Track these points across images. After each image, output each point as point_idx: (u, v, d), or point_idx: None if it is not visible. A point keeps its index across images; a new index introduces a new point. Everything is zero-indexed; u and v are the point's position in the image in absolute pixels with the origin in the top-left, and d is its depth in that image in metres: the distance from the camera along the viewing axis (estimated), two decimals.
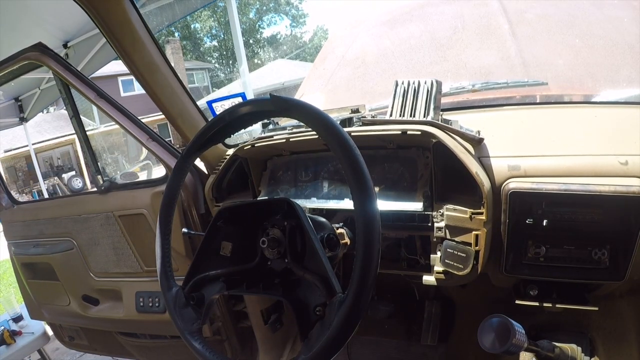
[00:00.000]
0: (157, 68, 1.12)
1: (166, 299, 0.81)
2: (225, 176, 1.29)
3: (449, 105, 1.23)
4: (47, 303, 1.83)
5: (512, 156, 0.91)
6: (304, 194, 1.14)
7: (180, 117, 1.23)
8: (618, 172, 0.82)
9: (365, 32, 1.94)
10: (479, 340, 0.79)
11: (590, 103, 1.15)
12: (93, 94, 1.34)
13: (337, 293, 0.64)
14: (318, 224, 0.82)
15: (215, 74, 27.03)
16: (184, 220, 1.37)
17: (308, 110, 0.66)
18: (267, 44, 29.87)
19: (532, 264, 0.90)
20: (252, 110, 0.75)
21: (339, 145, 0.62)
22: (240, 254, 0.80)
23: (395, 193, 1.01)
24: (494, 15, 1.55)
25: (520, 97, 1.25)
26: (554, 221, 0.84)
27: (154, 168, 6.60)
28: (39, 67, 1.42)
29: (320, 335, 0.63)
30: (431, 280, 0.99)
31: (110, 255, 1.57)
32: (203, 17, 26.48)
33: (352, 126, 1.08)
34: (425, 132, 0.91)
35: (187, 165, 0.85)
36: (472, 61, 1.44)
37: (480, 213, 0.87)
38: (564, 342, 0.96)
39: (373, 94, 1.51)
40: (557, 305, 0.94)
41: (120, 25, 1.01)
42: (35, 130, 12.64)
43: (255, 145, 1.15)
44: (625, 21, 1.38)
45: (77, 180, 13.68)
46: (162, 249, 0.83)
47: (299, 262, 0.73)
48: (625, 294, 1.04)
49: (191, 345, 0.77)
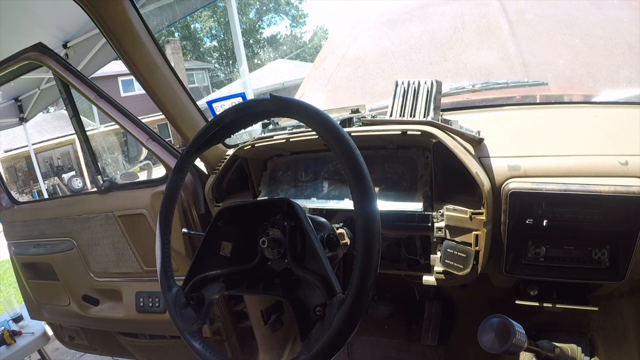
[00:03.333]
0: (157, 68, 1.13)
1: (166, 299, 0.82)
2: (225, 176, 1.29)
3: (449, 105, 1.23)
4: (47, 303, 1.83)
5: (512, 156, 0.91)
6: (304, 194, 1.14)
7: (180, 117, 1.23)
8: (618, 172, 0.82)
9: (365, 32, 1.94)
10: (479, 340, 0.79)
11: (590, 103, 1.15)
12: (93, 94, 1.34)
13: (337, 293, 0.64)
14: (318, 224, 0.82)
15: (215, 74, 27.04)
16: (184, 220, 1.37)
17: (308, 110, 0.66)
18: (267, 44, 29.88)
19: (532, 264, 0.90)
20: (252, 111, 0.75)
21: (339, 145, 0.62)
22: (240, 254, 0.80)
23: (395, 193, 1.01)
24: (494, 15, 1.55)
25: (520, 97, 1.25)
26: (554, 221, 0.85)
27: (154, 168, 6.59)
28: (39, 67, 1.42)
29: (320, 335, 0.63)
30: (431, 281, 0.99)
31: (110, 255, 1.57)
32: (203, 17, 26.48)
33: (352, 126, 1.08)
34: (425, 132, 0.91)
35: (187, 165, 0.85)
36: (472, 61, 1.44)
37: (480, 213, 0.87)
38: (564, 342, 0.96)
39: (373, 94, 1.51)
40: (557, 305, 0.94)
41: (120, 25, 1.01)
42: (35, 131, 12.64)
43: (255, 145, 1.15)
44: (625, 21, 1.38)
45: (77, 180, 13.68)
46: (162, 249, 0.83)
47: (299, 262, 0.73)
48: (625, 294, 1.04)
49: (191, 345, 0.77)
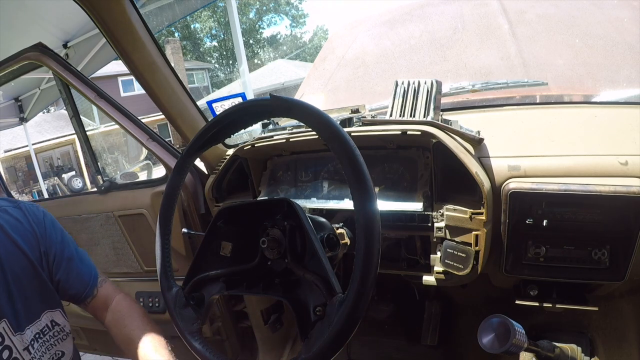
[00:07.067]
0: (157, 68, 1.12)
1: (166, 299, 0.82)
2: (225, 176, 1.29)
3: (449, 105, 1.23)
4: None
5: (512, 156, 0.91)
6: (304, 194, 1.14)
7: (180, 117, 1.23)
8: (618, 172, 0.82)
9: (365, 32, 1.94)
10: (479, 340, 0.79)
11: (590, 103, 1.15)
12: (93, 94, 1.34)
13: (337, 293, 0.64)
14: (318, 224, 0.82)
15: (215, 74, 27.05)
16: (184, 220, 1.37)
17: (308, 110, 0.66)
18: (267, 44, 29.90)
19: (532, 264, 0.90)
20: (252, 110, 0.75)
21: (339, 145, 0.62)
22: (240, 254, 0.80)
23: (395, 193, 1.01)
24: (494, 15, 1.55)
25: (520, 97, 1.25)
26: (554, 221, 0.85)
27: (154, 168, 6.59)
28: (39, 67, 1.42)
29: (321, 335, 0.63)
30: (431, 281, 0.99)
31: (110, 255, 1.57)
32: (203, 18, 26.49)
33: (352, 126, 1.08)
34: (425, 132, 0.91)
35: (187, 165, 0.85)
36: (472, 61, 1.44)
37: (480, 213, 0.87)
38: (564, 342, 0.96)
39: (373, 94, 1.51)
40: (557, 305, 0.94)
41: (120, 25, 1.01)
42: (35, 130, 12.64)
43: (255, 145, 1.15)
44: (625, 21, 1.39)
45: (77, 181, 13.67)
46: (162, 249, 0.83)
47: (299, 262, 0.73)
48: (625, 294, 1.04)
49: (191, 345, 0.77)
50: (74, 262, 0.93)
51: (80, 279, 0.93)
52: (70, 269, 0.92)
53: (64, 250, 0.91)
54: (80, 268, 0.94)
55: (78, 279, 0.93)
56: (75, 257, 0.93)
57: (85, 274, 0.94)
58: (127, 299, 0.97)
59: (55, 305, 0.91)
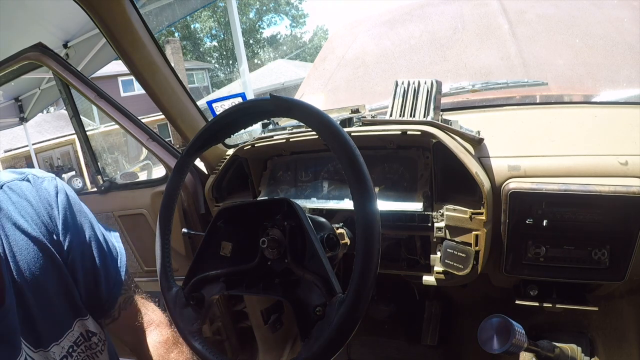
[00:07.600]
0: (157, 68, 1.12)
1: (166, 299, 0.81)
2: (225, 176, 1.29)
3: (449, 105, 1.23)
4: None
5: (512, 156, 0.91)
6: (304, 194, 1.14)
7: (180, 117, 1.23)
8: (618, 172, 0.82)
9: (365, 32, 1.94)
10: (479, 340, 0.79)
11: (590, 103, 1.15)
12: (93, 94, 1.34)
13: (337, 293, 0.64)
14: (318, 224, 0.82)
15: (215, 74, 27.06)
16: (184, 220, 1.37)
17: (308, 110, 0.66)
18: (267, 44, 29.90)
19: (532, 264, 0.90)
20: (252, 111, 0.75)
21: (339, 145, 0.62)
22: (240, 254, 0.80)
23: (395, 193, 1.01)
24: (494, 15, 1.55)
25: (520, 97, 1.25)
26: (554, 221, 0.85)
27: (154, 168, 6.59)
28: (39, 67, 1.42)
29: (321, 335, 0.63)
30: (431, 281, 0.99)
31: None
32: (203, 17, 26.51)
33: (352, 126, 1.08)
34: (425, 132, 0.91)
35: (187, 165, 0.85)
36: (472, 61, 1.44)
37: (480, 213, 0.87)
38: (564, 342, 0.96)
39: (373, 94, 1.51)
40: (557, 305, 0.94)
41: (120, 25, 1.01)
42: (35, 130, 12.64)
43: (255, 145, 1.15)
44: (625, 21, 1.39)
45: (77, 181, 13.66)
46: (162, 249, 0.83)
47: (299, 262, 0.73)
48: (625, 294, 1.04)
49: (191, 345, 0.77)
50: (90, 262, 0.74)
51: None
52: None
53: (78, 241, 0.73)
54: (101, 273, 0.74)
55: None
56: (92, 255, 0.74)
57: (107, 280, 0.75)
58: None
59: (84, 311, 0.74)
